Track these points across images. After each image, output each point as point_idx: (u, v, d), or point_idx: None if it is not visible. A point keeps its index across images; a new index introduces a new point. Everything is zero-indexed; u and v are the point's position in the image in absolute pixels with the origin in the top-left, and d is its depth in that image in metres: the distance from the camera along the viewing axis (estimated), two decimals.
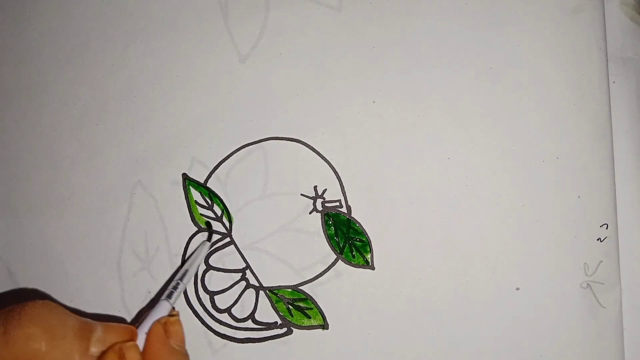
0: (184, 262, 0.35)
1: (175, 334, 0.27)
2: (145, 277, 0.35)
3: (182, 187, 0.35)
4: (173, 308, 0.29)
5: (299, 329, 0.34)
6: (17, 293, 0.36)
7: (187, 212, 0.35)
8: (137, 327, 0.27)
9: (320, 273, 0.34)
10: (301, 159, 0.34)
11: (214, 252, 0.35)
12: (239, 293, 0.35)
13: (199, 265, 0.33)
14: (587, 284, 0.33)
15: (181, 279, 0.31)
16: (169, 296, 0.30)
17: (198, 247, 0.34)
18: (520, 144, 0.33)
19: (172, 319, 0.28)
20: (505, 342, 0.33)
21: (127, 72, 0.36)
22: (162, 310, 0.29)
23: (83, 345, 0.24)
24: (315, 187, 0.34)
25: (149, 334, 0.27)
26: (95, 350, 0.25)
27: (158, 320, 0.27)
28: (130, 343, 0.26)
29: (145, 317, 0.28)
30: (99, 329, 0.25)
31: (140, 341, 0.27)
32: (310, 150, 0.34)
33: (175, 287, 0.30)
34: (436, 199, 0.33)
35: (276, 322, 0.34)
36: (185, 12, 0.36)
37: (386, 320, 0.33)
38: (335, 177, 0.34)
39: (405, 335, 0.33)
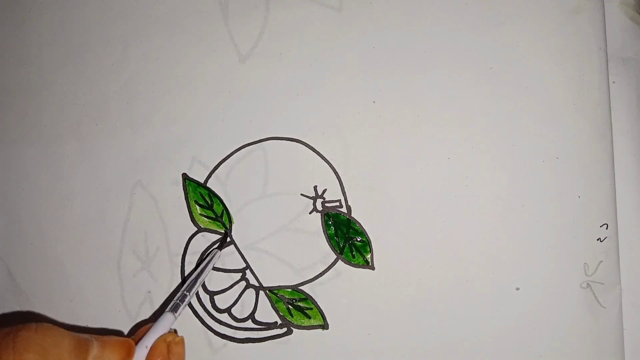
0: (185, 266, 0.35)
1: (177, 355, 0.27)
2: (145, 277, 0.35)
3: (182, 187, 0.35)
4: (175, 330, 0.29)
5: (299, 329, 0.34)
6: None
7: (187, 212, 0.35)
8: (139, 340, 0.27)
9: (320, 273, 0.34)
10: (301, 159, 0.34)
11: None
12: (239, 293, 0.35)
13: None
14: (587, 284, 0.33)
15: (189, 290, 0.30)
16: (175, 309, 0.29)
17: (208, 256, 0.33)
18: (520, 144, 0.33)
19: (177, 339, 0.28)
20: (505, 342, 0.33)
21: (127, 72, 0.36)
22: (165, 323, 0.28)
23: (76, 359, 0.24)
24: (315, 187, 0.34)
25: (151, 350, 0.27)
26: None
27: (163, 338, 0.27)
28: None
29: (148, 330, 0.28)
30: (95, 345, 0.25)
31: (141, 355, 0.27)
32: (310, 150, 0.34)
33: (181, 299, 0.30)
34: (436, 199, 0.33)
35: (276, 322, 0.34)
36: (185, 12, 0.36)
37: (386, 320, 0.33)
38: (335, 177, 0.34)
39: (405, 335, 0.33)
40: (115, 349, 0.26)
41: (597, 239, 0.33)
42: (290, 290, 0.34)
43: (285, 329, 0.34)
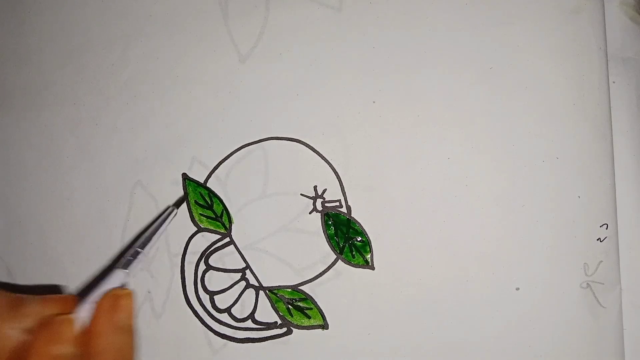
0: (185, 265, 0.35)
1: (123, 307, 0.26)
2: (145, 277, 0.35)
3: (182, 187, 0.35)
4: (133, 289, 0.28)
5: (298, 328, 0.34)
6: None
7: (187, 212, 0.35)
8: (87, 297, 0.26)
9: (320, 273, 0.34)
10: (301, 159, 0.34)
11: (214, 252, 0.35)
12: (238, 293, 0.35)
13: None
14: (587, 284, 0.33)
15: (142, 247, 0.29)
16: (126, 265, 0.27)
17: (163, 212, 0.32)
18: (520, 144, 0.33)
19: (123, 291, 0.26)
20: (505, 342, 0.33)
21: (127, 72, 0.36)
22: (115, 279, 0.27)
23: (11, 318, 0.24)
24: (315, 187, 0.34)
25: (97, 306, 0.25)
26: (29, 322, 0.24)
27: (109, 293, 0.26)
28: (64, 317, 0.24)
29: (97, 287, 0.26)
30: (32, 302, 0.25)
31: (85, 310, 0.25)
32: (310, 150, 0.34)
33: (133, 256, 0.28)
34: (436, 199, 0.33)
35: (276, 322, 0.34)
36: (185, 12, 0.36)
37: (386, 320, 0.33)
38: (335, 177, 0.34)
39: (405, 335, 0.33)
40: (56, 304, 0.25)
41: (597, 239, 0.33)
42: (290, 290, 0.34)
43: (285, 329, 0.34)
